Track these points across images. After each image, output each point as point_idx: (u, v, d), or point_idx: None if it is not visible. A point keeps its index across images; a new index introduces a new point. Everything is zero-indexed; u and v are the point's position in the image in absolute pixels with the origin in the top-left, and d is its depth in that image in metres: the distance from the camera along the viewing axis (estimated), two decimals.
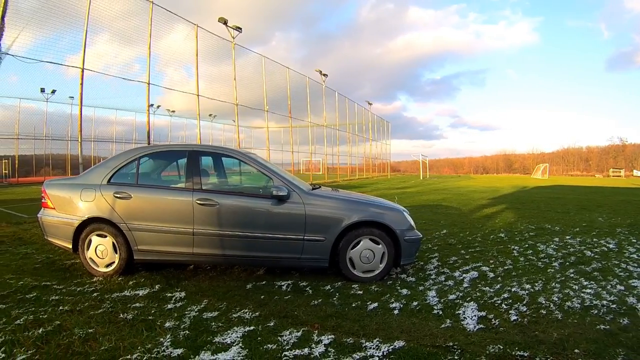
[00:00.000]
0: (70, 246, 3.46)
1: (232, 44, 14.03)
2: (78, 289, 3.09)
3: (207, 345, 2.23)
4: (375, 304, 2.93)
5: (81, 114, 7.86)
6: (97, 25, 8.91)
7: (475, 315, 2.66)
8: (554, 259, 4.34)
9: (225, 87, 14.09)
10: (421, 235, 3.81)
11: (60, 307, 2.68)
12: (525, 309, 2.77)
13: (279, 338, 2.33)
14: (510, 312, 2.72)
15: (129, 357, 2.07)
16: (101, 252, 3.44)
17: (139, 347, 2.17)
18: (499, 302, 2.92)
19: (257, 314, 2.73)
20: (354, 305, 2.93)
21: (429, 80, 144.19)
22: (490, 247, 4.94)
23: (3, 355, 2.06)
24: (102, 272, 3.44)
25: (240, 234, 3.42)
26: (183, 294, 3.10)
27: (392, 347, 2.21)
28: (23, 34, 6.78)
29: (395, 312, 2.79)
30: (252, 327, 2.48)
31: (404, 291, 3.23)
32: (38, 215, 3.65)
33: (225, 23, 13.78)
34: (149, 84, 9.71)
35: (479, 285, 3.37)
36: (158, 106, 25.99)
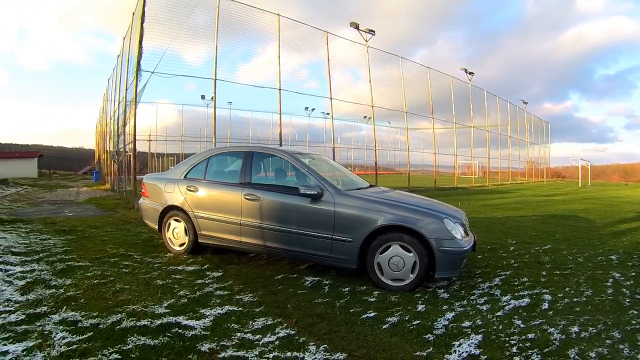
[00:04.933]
0: (157, 227, 4.50)
1: (366, 47, 14.69)
2: (149, 260, 4.03)
3: (189, 313, 2.61)
4: (373, 314, 2.72)
5: (215, 116, 10.06)
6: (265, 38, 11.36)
7: (466, 352, 2.15)
8: None
9: (387, 90, 15.30)
10: (466, 247, 3.22)
11: (123, 270, 3.59)
12: None
13: (249, 322, 2.51)
14: (514, 359, 2.04)
15: (130, 306, 2.67)
16: (176, 234, 4.35)
17: (142, 302, 2.75)
18: (513, 342, 2.24)
19: (255, 299, 2.94)
20: (351, 310, 2.80)
21: (602, 77, 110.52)
22: (585, 270, 3.76)
23: (62, 290, 2.96)
24: (176, 250, 4.34)
25: (277, 227, 3.69)
26: (220, 274, 3.60)
27: (330, 357, 2.07)
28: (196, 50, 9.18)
29: (384, 326, 2.53)
30: (239, 309, 2.73)
31: (421, 307, 2.85)
32: (139, 202, 4.88)
33: (357, 27, 14.52)
34: (280, 90, 11.28)
35: (515, 316, 2.63)
36: (312, 109, 27.73)
